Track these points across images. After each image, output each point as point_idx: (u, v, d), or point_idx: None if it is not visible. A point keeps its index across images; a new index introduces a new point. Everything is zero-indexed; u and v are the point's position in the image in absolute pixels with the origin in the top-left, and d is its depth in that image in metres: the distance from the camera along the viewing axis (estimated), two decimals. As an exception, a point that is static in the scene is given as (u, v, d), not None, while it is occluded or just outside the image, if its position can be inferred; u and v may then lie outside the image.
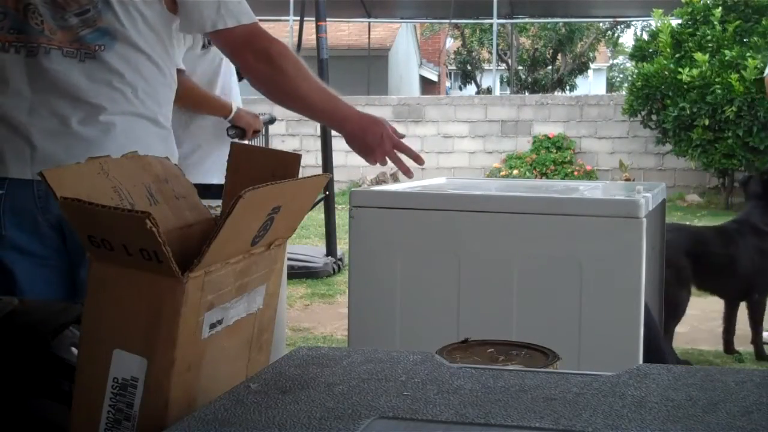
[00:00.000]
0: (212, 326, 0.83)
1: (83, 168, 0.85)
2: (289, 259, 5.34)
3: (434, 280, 2.04)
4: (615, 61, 30.95)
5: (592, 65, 25.69)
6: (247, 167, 1.01)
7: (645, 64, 10.42)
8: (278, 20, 14.13)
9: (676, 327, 4.10)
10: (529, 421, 0.75)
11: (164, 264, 0.74)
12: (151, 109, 1.73)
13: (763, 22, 9.91)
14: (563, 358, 0.97)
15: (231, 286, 0.84)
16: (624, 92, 12.67)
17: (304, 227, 8.31)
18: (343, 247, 6.25)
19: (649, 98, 10.32)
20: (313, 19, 6.29)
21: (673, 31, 10.40)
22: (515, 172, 11.54)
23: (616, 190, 2.56)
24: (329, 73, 6.01)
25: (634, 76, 10.68)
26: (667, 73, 10.05)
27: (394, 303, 2.05)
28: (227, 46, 1.85)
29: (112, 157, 0.91)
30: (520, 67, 22.75)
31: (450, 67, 26.28)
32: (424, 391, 0.82)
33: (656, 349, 2.40)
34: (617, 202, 2.04)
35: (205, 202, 0.97)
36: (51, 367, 0.97)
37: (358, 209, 2.08)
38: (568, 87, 23.48)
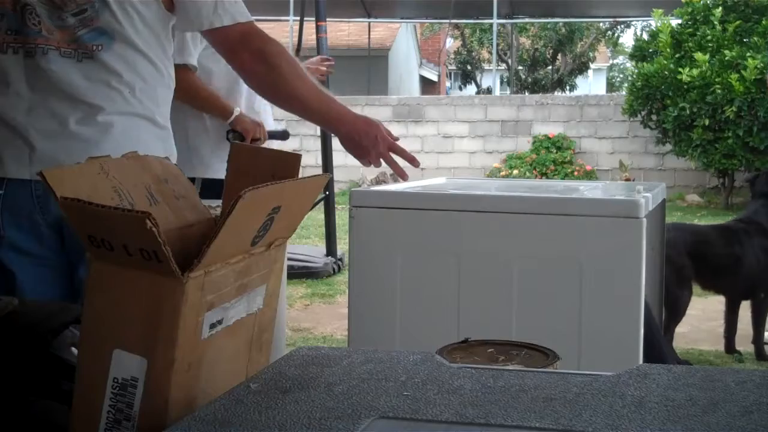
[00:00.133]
0: (212, 326, 0.83)
1: (83, 168, 0.85)
2: (289, 259, 5.34)
3: (434, 280, 2.04)
4: (615, 61, 30.98)
5: (592, 65, 25.71)
6: (247, 167, 1.01)
7: (645, 64, 10.42)
8: (278, 20, 14.13)
9: (676, 327, 4.11)
10: (529, 421, 0.75)
11: (164, 264, 0.74)
12: (150, 109, 1.73)
13: (763, 22, 9.92)
14: (563, 358, 0.97)
15: (231, 286, 0.84)
16: (624, 92, 12.68)
17: (304, 227, 8.31)
18: (343, 247, 6.25)
19: (649, 98, 10.33)
20: (313, 19, 6.29)
21: (673, 31, 10.40)
22: (515, 172, 11.54)
23: (616, 190, 2.56)
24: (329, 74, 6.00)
25: (634, 76, 10.69)
26: (667, 73, 10.05)
27: (394, 303, 2.05)
28: (223, 45, 1.85)
29: (111, 157, 0.91)
30: (520, 67, 22.77)
31: (450, 67, 26.30)
32: (424, 391, 0.82)
33: (657, 348, 2.40)
34: (617, 202, 2.04)
35: (206, 202, 0.98)
36: (51, 367, 0.97)
37: (358, 209, 2.08)
38: (568, 87, 23.50)
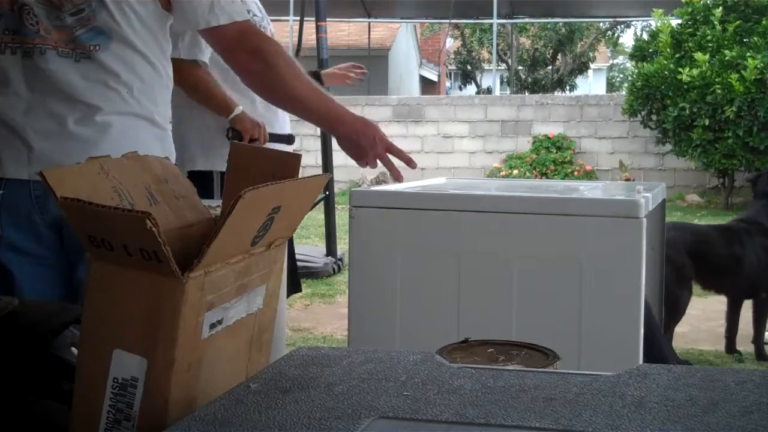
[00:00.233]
0: (212, 326, 0.83)
1: (83, 168, 0.85)
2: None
3: (434, 280, 2.04)
4: (615, 61, 30.97)
5: (592, 65, 25.71)
6: (247, 167, 1.01)
7: (645, 64, 10.42)
8: (278, 20, 14.11)
9: (676, 327, 4.10)
10: (529, 421, 0.75)
11: (164, 264, 0.74)
12: (148, 109, 1.72)
13: (763, 22, 9.91)
14: (563, 358, 0.97)
15: (231, 286, 0.84)
16: (624, 92, 12.68)
17: (304, 227, 8.31)
18: (343, 247, 6.25)
19: (649, 98, 10.33)
20: (313, 19, 6.30)
21: (673, 31, 10.40)
22: (515, 172, 11.54)
23: (616, 190, 2.56)
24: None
25: (634, 76, 10.69)
26: (667, 73, 10.05)
27: (394, 303, 2.05)
28: (220, 45, 1.84)
29: (111, 157, 0.91)
30: (520, 67, 22.76)
31: (450, 67, 26.29)
32: (424, 391, 0.82)
33: (657, 348, 2.40)
34: (617, 202, 2.04)
35: (206, 202, 0.98)
36: (51, 367, 0.97)
37: (358, 209, 2.08)
38: (568, 87, 23.50)
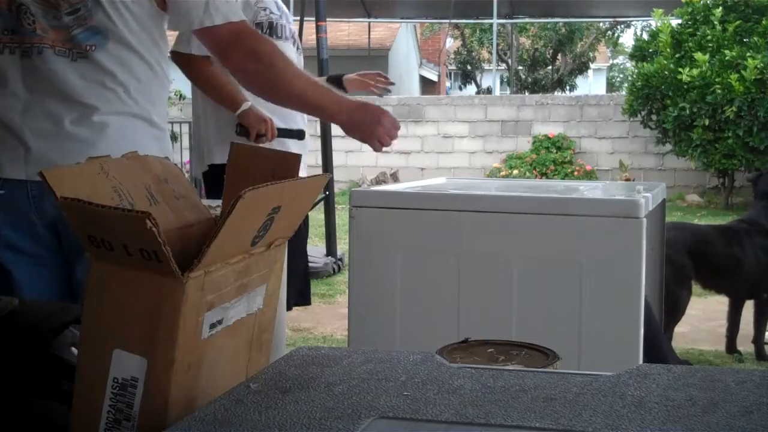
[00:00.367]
0: (212, 326, 0.82)
1: (83, 168, 0.85)
2: (289, 259, 5.32)
3: (434, 280, 2.04)
4: (615, 61, 30.98)
5: (592, 65, 25.71)
6: (247, 167, 1.01)
7: (645, 64, 10.42)
8: (278, 20, 14.11)
9: (676, 327, 4.10)
10: (529, 421, 0.75)
11: (164, 264, 0.74)
12: (145, 109, 1.72)
13: (763, 22, 9.92)
14: (563, 358, 0.97)
15: (231, 286, 0.84)
16: (624, 92, 12.67)
17: (304, 227, 8.29)
18: (343, 247, 6.25)
19: (649, 98, 10.33)
20: (313, 19, 6.30)
21: (673, 31, 10.40)
22: (515, 172, 11.54)
23: (616, 190, 2.56)
24: (329, 73, 6.01)
25: (634, 76, 10.69)
26: (667, 73, 10.05)
27: (394, 303, 2.05)
28: (215, 46, 1.84)
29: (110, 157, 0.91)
30: (520, 67, 22.77)
31: (450, 67, 26.29)
32: (424, 391, 0.82)
33: (657, 348, 2.40)
34: (617, 202, 2.04)
35: (206, 202, 0.98)
36: (51, 367, 0.97)
37: (358, 209, 2.08)
38: (568, 87, 23.51)
